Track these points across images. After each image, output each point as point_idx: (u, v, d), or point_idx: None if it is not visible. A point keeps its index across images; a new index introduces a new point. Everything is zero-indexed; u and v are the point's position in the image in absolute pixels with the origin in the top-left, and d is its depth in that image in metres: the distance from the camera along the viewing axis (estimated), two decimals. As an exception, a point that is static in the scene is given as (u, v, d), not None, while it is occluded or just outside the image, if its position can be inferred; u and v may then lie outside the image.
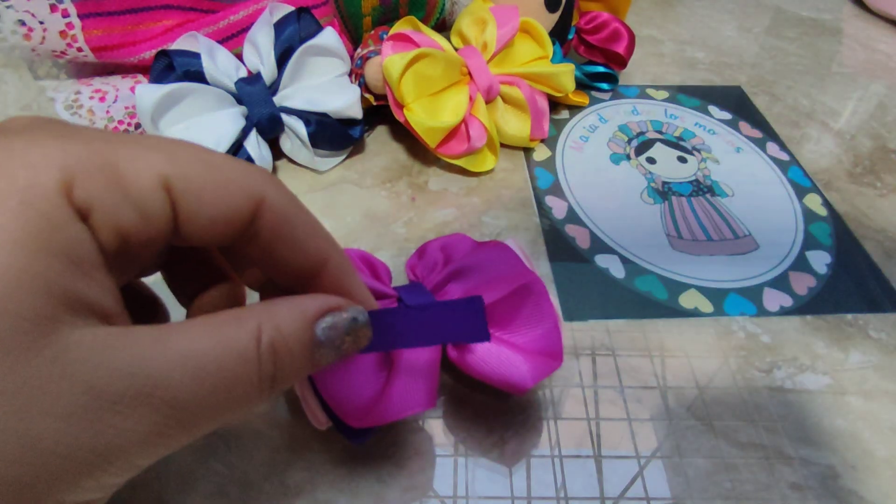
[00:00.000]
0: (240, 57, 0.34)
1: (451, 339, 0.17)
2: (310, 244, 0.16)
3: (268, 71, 0.34)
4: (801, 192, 0.37)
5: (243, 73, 0.34)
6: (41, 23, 0.30)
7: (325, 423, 0.21)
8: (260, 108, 0.33)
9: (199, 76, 0.32)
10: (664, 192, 0.36)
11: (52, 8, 0.30)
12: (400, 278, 0.28)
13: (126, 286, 0.16)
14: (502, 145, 0.38)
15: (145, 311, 0.19)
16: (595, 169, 0.38)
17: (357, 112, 0.35)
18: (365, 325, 0.15)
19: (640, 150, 0.39)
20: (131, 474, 0.13)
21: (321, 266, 0.16)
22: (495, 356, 0.22)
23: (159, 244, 0.14)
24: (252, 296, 0.20)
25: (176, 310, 0.19)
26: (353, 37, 0.40)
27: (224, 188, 0.15)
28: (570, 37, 0.43)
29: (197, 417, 0.13)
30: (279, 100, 0.34)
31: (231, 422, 0.15)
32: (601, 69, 0.43)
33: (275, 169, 0.36)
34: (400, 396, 0.21)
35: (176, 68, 0.32)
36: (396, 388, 0.21)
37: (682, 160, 0.39)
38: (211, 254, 0.19)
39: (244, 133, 0.33)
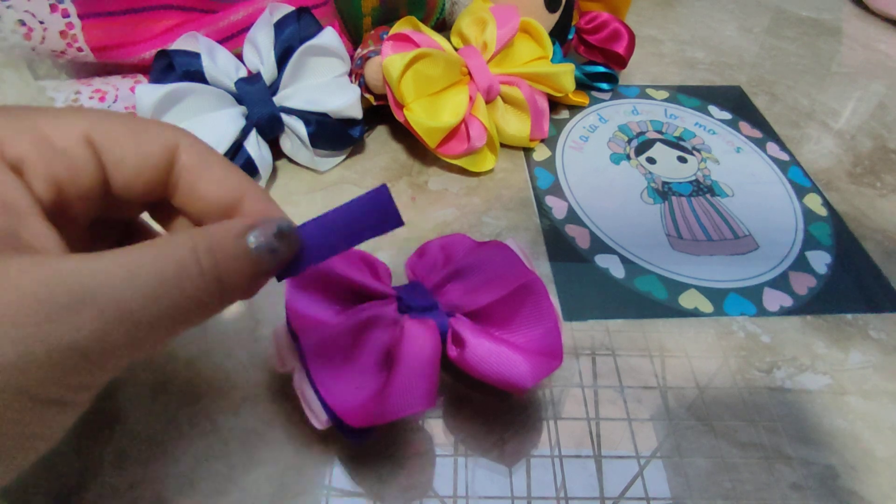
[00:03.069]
0: (240, 57, 0.34)
1: (371, 232, 0.18)
2: (227, 181, 0.18)
3: (268, 71, 0.34)
4: (801, 192, 0.37)
5: (243, 73, 0.34)
6: (41, 23, 0.30)
7: (325, 423, 0.21)
8: (260, 108, 0.33)
9: (199, 76, 0.32)
10: (664, 192, 0.36)
11: (52, 8, 0.30)
12: (400, 278, 0.28)
13: None
14: (502, 145, 0.38)
15: None
16: (595, 169, 0.38)
17: (357, 112, 0.35)
18: (291, 229, 0.17)
19: (640, 150, 0.39)
20: (101, 376, 0.14)
21: (241, 199, 0.18)
22: (495, 356, 0.22)
23: (95, 195, 0.16)
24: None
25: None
26: (353, 37, 0.40)
27: (141, 138, 0.17)
28: (570, 37, 0.43)
29: (145, 317, 0.14)
30: (279, 100, 0.34)
31: (199, 322, 0.16)
32: (601, 69, 0.43)
33: (275, 169, 0.36)
34: (400, 396, 0.21)
35: (176, 68, 0.32)
36: (396, 387, 0.21)
37: (682, 160, 0.39)
38: (150, 230, 0.21)
39: (244, 133, 0.33)
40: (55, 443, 0.15)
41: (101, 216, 0.18)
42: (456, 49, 0.37)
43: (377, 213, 0.18)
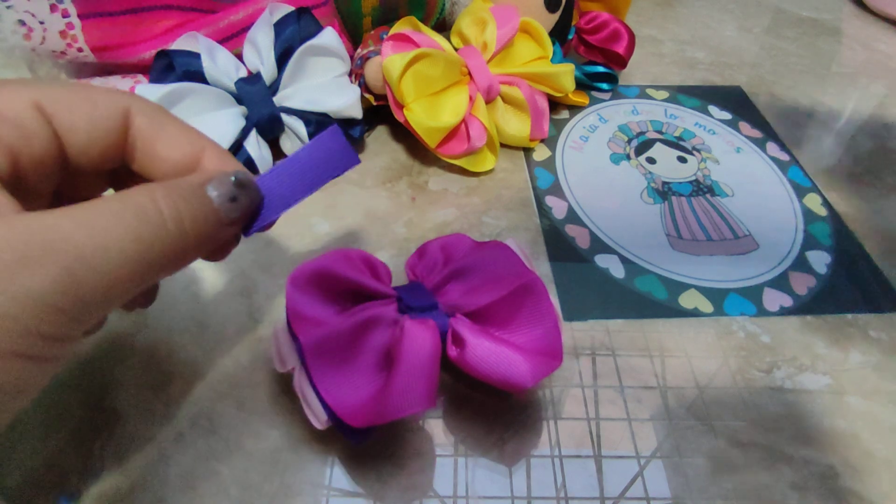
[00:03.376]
0: (240, 57, 0.34)
1: (329, 174, 0.19)
2: (183, 139, 0.18)
3: (268, 71, 0.34)
4: (801, 192, 0.37)
5: (243, 73, 0.34)
6: (41, 23, 0.30)
7: (326, 423, 0.21)
8: (260, 108, 0.33)
9: (199, 76, 0.32)
10: (664, 192, 0.36)
11: (52, 8, 0.30)
12: (400, 278, 0.28)
13: None
14: (502, 145, 0.38)
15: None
16: (595, 169, 0.38)
17: (357, 112, 0.35)
18: (248, 179, 0.17)
19: (640, 150, 0.39)
20: (74, 327, 0.14)
21: (199, 156, 0.18)
22: (495, 356, 0.22)
23: (50, 163, 0.16)
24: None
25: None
26: (353, 37, 0.40)
27: (92, 103, 0.17)
28: (570, 37, 0.43)
29: (110, 265, 0.14)
30: (279, 100, 0.34)
31: (171, 271, 0.16)
32: (601, 69, 0.43)
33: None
34: (400, 396, 0.21)
35: (176, 68, 0.32)
36: (396, 387, 0.21)
37: (682, 160, 0.39)
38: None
39: (244, 133, 0.33)
40: (31, 399, 0.15)
41: (65, 193, 0.18)
42: (456, 49, 0.37)
43: (332, 154, 0.19)
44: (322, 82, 0.35)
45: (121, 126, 0.17)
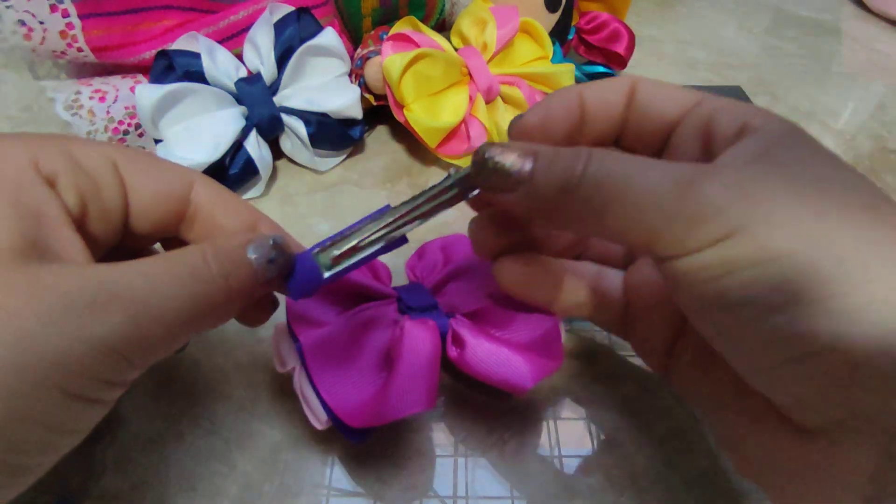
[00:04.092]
0: (240, 57, 0.34)
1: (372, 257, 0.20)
2: (241, 212, 0.20)
3: (268, 71, 0.34)
4: (801, 192, 0.37)
5: (243, 73, 0.34)
6: (41, 23, 0.30)
7: (325, 424, 0.21)
8: (260, 108, 0.33)
9: (199, 76, 0.32)
10: (664, 192, 0.36)
11: (52, 8, 0.30)
12: (400, 278, 0.28)
13: None
14: (502, 145, 0.38)
15: None
16: (595, 169, 0.38)
17: (357, 112, 0.35)
18: (282, 243, 0.18)
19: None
20: (129, 372, 0.15)
21: (255, 226, 0.20)
22: (495, 356, 0.22)
23: (115, 216, 0.18)
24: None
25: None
26: (353, 37, 0.40)
27: (161, 171, 0.19)
28: (570, 37, 0.43)
29: (165, 314, 0.15)
30: (279, 100, 0.34)
31: (215, 321, 0.18)
32: (601, 69, 0.43)
33: (275, 169, 0.36)
34: (400, 396, 0.21)
35: (176, 68, 0.32)
36: (396, 388, 0.21)
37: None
38: None
39: (244, 133, 0.33)
40: (80, 439, 0.15)
41: (117, 246, 0.19)
42: (456, 49, 0.37)
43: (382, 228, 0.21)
44: (322, 82, 0.35)
45: (183, 195, 0.19)
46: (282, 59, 0.34)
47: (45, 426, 0.14)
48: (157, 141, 0.32)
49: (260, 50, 0.34)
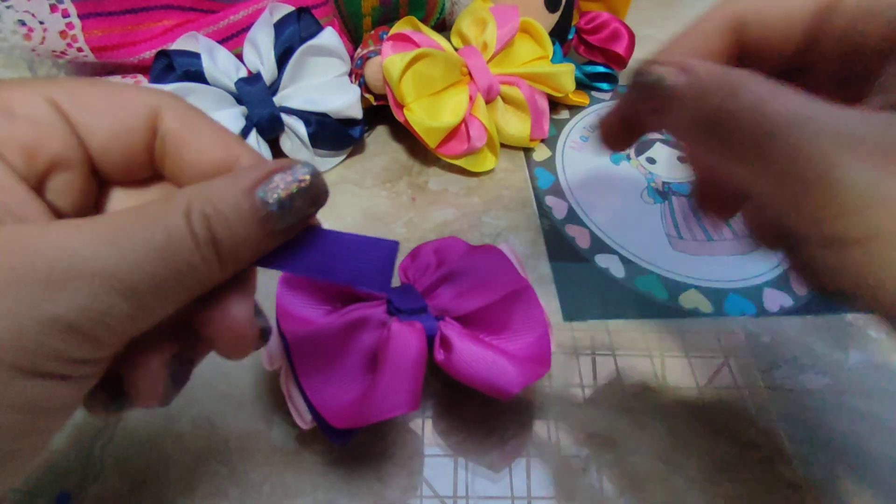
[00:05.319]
0: (240, 57, 0.34)
1: (352, 276, 0.16)
2: (216, 143, 0.16)
3: (268, 71, 0.34)
4: (801, 191, 0.37)
5: (243, 73, 0.34)
6: (41, 23, 0.30)
7: (310, 424, 0.21)
8: (260, 108, 0.33)
9: (199, 76, 0.32)
10: (664, 191, 0.36)
11: (52, 8, 0.30)
12: (394, 279, 0.28)
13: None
14: (502, 145, 0.38)
15: None
16: (595, 169, 0.38)
17: (357, 112, 0.35)
18: (315, 177, 0.15)
19: (640, 150, 0.39)
20: (99, 349, 0.13)
21: (234, 163, 0.16)
22: (481, 360, 0.22)
23: (71, 163, 0.15)
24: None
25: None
26: (353, 37, 0.40)
27: (115, 100, 0.15)
28: (570, 37, 0.43)
29: (135, 289, 0.13)
30: (279, 100, 0.34)
31: (197, 293, 0.14)
32: (601, 69, 0.43)
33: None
34: (383, 398, 0.21)
35: (176, 68, 0.32)
36: (380, 389, 0.21)
37: (683, 160, 0.39)
38: None
39: (244, 133, 0.33)
40: (68, 416, 0.14)
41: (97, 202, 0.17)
42: (456, 49, 0.37)
43: (374, 261, 0.16)
44: (322, 82, 0.35)
45: (147, 126, 0.16)
46: (282, 59, 0.34)
47: (9, 406, 0.12)
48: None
49: (260, 50, 0.34)
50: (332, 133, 0.35)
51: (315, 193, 0.15)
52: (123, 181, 0.17)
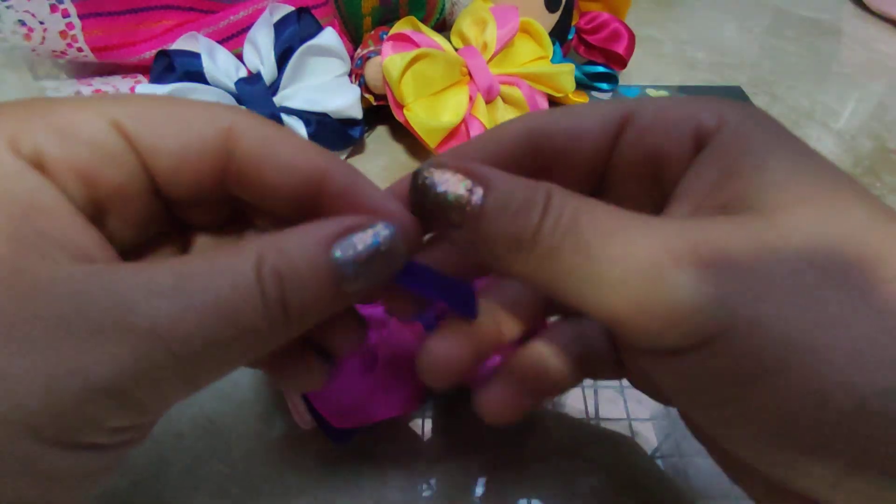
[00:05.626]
0: (240, 57, 0.34)
1: (450, 302, 0.16)
2: (299, 160, 0.14)
3: (268, 71, 0.34)
4: (801, 192, 0.37)
5: (243, 73, 0.34)
6: (41, 23, 0.30)
7: (310, 423, 0.21)
8: (260, 108, 0.33)
9: (199, 76, 0.32)
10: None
11: (52, 8, 0.30)
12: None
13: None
14: (502, 145, 0.38)
15: None
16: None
17: (357, 112, 0.35)
18: (393, 238, 0.13)
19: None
20: (141, 417, 0.12)
21: (320, 182, 0.14)
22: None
23: (136, 191, 0.14)
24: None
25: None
26: (353, 37, 0.40)
27: (183, 121, 0.14)
28: (570, 37, 0.43)
29: (192, 349, 0.11)
30: (279, 100, 0.34)
31: (254, 356, 0.13)
32: (601, 69, 0.43)
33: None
34: (383, 398, 0.21)
35: (176, 68, 0.32)
36: (380, 390, 0.21)
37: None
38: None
39: (244, 133, 0.33)
40: (101, 483, 0.13)
41: (163, 230, 0.16)
42: (456, 49, 0.37)
43: (460, 298, 0.16)
44: (322, 82, 0.35)
45: (220, 148, 0.14)
46: (282, 59, 0.34)
47: (36, 478, 0.11)
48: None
49: (260, 50, 0.34)
50: (332, 133, 0.35)
51: (394, 256, 0.13)
52: (192, 207, 0.16)
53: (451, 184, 0.13)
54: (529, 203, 0.13)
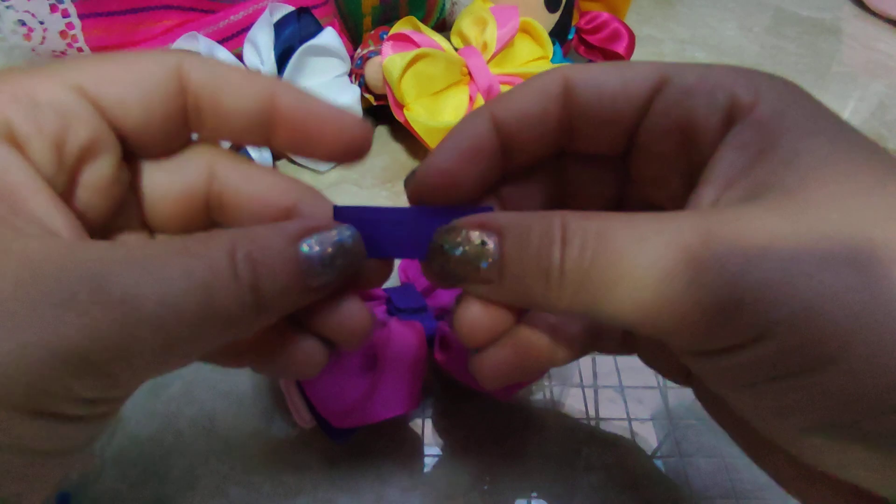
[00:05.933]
0: (240, 57, 0.34)
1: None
2: (247, 83, 0.15)
3: (268, 71, 0.34)
4: (801, 191, 0.37)
5: (243, 73, 0.34)
6: (41, 23, 0.30)
7: (310, 423, 0.21)
8: (260, 108, 0.33)
9: (199, 76, 0.32)
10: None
11: (52, 8, 0.30)
12: (393, 279, 0.28)
13: None
14: (502, 145, 0.38)
15: None
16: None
17: (357, 112, 0.35)
18: (355, 241, 0.14)
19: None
20: (112, 389, 0.12)
21: (271, 102, 0.16)
22: None
23: (103, 149, 0.14)
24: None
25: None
26: (353, 37, 0.40)
27: (135, 70, 0.14)
28: (570, 37, 0.43)
29: (164, 324, 0.12)
30: (279, 100, 0.34)
31: (226, 340, 0.13)
32: (601, 69, 0.43)
33: (275, 169, 0.36)
34: (383, 398, 0.21)
35: (176, 68, 0.32)
36: (380, 389, 0.21)
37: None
38: None
39: (244, 133, 0.33)
40: (68, 459, 0.13)
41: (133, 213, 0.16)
42: (456, 49, 0.37)
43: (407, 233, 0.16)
44: (322, 82, 0.35)
45: (176, 88, 0.14)
46: (282, 59, 0.34)
47: (9, 450, 0.11)
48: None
49: (260, 50, 0.34)
50: (332, 133, 0.35)
51: (354, 254, 0.14)
52: (159, 156, 0.16)
53: (465, 242, 0.14)
54: (548, 236, 0.13)
